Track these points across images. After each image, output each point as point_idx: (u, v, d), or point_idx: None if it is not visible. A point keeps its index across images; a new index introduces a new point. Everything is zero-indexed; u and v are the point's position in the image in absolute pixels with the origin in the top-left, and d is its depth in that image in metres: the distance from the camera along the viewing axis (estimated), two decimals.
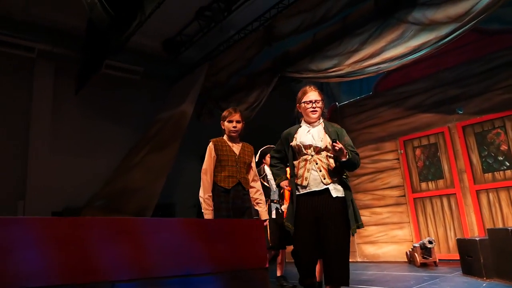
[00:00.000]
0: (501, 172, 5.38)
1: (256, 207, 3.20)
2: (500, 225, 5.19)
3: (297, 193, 2.56)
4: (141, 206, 6.39)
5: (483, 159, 5.57)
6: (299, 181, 2.56)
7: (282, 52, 6.96)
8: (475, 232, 5.38)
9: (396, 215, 6.34)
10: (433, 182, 6.04)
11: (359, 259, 6.62)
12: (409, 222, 6.17)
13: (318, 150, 2.56)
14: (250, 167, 3.25)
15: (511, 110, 5.36)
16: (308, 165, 2.56)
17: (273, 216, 4.24)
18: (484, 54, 5.73)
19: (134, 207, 6.41)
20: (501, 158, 5.41)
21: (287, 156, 2.71)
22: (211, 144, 3.18)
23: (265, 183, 4.31)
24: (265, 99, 7.08)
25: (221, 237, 1.43)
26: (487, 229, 4.13)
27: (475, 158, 5.64)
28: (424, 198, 6.10)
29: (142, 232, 1.50)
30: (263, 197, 3.26)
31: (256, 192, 3.25)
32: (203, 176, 3.09)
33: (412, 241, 5.94)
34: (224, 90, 8.11)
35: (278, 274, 4.30)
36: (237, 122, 3.19)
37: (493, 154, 5.49)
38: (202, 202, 3.03)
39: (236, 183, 3.08)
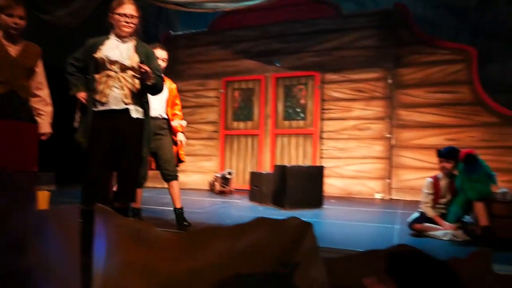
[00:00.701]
0: (296, 122, 6.42)
1: (37, 118, 2.76)
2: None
3: (95, 109, 2.51)
4: None
5: (286, 109, 6.50)
6: (98, 97, 2.48)
7: None
8: (267, 168, 6.34)
9: (207, 148, 6.91)
10: (243, 122, 6.77)
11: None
12: (217, 155, 6.83)
13: (124, 68, 2.50)
14: (33, 72, 2.75)
15: (315, 71, 6.31)
16: (110, 82, 2.48)
17: None
18: (307, 18, 6.47)
19: None
20: (299, 110, 6.43)
21: (88, 66, 2.58)
22: None
23: None
24: (91, 9, 6.39)
25: None
26: (273, 165, 4.95)
27: (280, 107, 6.53)
28: (233, 136, 6.80)
29: None
30: (48, 109, 2.84)
31: (39, 101, 2.79)
32: None
33: (217, 172, 6.62)
34: None
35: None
36: (20, 18, 2.60)
37: (293, 106, 6.46)
38: None
39: (7, 90, 2.59)
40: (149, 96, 3.12)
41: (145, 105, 2.62)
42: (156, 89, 2.63)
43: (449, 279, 1.01)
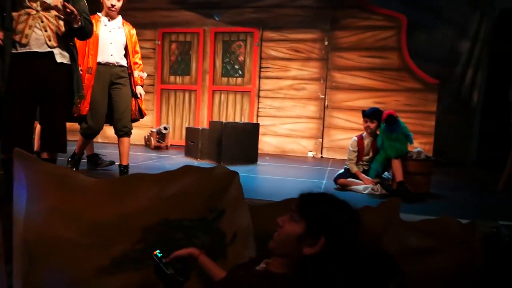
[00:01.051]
0: (234, 79, 6.39)
1: None
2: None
3: (14, 50, 2.30)
4: None
5: (224, 65, 6.43)
6: (17, 38, 2.29)
7: None
8: (204, 124, 6.32)
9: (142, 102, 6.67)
10: (180, 77, 6.60)
11: (100, 140, 6.75)
12: (153, 110, 6.65)
13: (46, 7, 2.30)
14: None
15: (254, 28, 6.25)
16: (31, 21, 2.29)
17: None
18: None
19: None
20: (237, 67, 6.39)
21: (3, 3, 2.29)
22: None
23: None
24: None
25: None
26: (209, 121, 4.96)
27: (218, 62, 6.44)
28: (170, 90, 6.63)
29: None
30: None
31: None
32: None
33: (153, 127, 6.48)
34: None
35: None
36: None
37: (232, 62, 6.40)
38: None
39: None
40: (104, 40, 2.95)
41: (72, 50, 2.46)
42: (84, 33, 2.48)
43: (351, 217, 1.13)
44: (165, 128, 5.89)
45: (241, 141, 4.69)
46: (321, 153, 6.10)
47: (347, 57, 5.98)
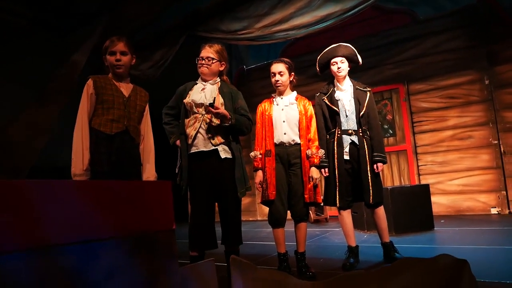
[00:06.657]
0: (385, 139, 6.05)
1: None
2: None
3: (189, 152, 2.51)
4: (18, 164, 5.85)
5: None
6: (189, 141, 2.51)
7: (193, 10, 6.69)
8: None
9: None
10: None
11: (259, 218, 7.00)
12: None
13: (209, 110, 2.48)
14: (142, 115, 2.57)
15: (398, 84, 5.98)
16: (196, 124, 2.49)
17: (345, 156, 3.07)
18: (379, 31, 6.22)
19: (11, 164, 5.85)
20: (386, 127, 6.08)
21: (180, 112, 2.59)
22: (89, 81, 2.39)
23: (333, 106, 3.21)
24: (171, 57, 6.81)
25: (125, 200, 1.33)
26: None
27: None
28: None
29: (32, 196, 1.32)
30: (152, 155, 2.60)
31: (148, 150, 2.56)
32: (79, 123, 2.31)
33: None
34: None
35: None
36: (122, 53, 2.42)
37: (380, 122, 6.11)
38: (77, 158, 2.24)
39: (121, 130, 2.39)
40: (277, 119, 2.92)
41: (235, 144, 2.57)
42: (238, 130, 2.55)
43: None
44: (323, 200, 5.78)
45: (412, 206, 4.25)
46: (509, 209, 5.13)
47: None
